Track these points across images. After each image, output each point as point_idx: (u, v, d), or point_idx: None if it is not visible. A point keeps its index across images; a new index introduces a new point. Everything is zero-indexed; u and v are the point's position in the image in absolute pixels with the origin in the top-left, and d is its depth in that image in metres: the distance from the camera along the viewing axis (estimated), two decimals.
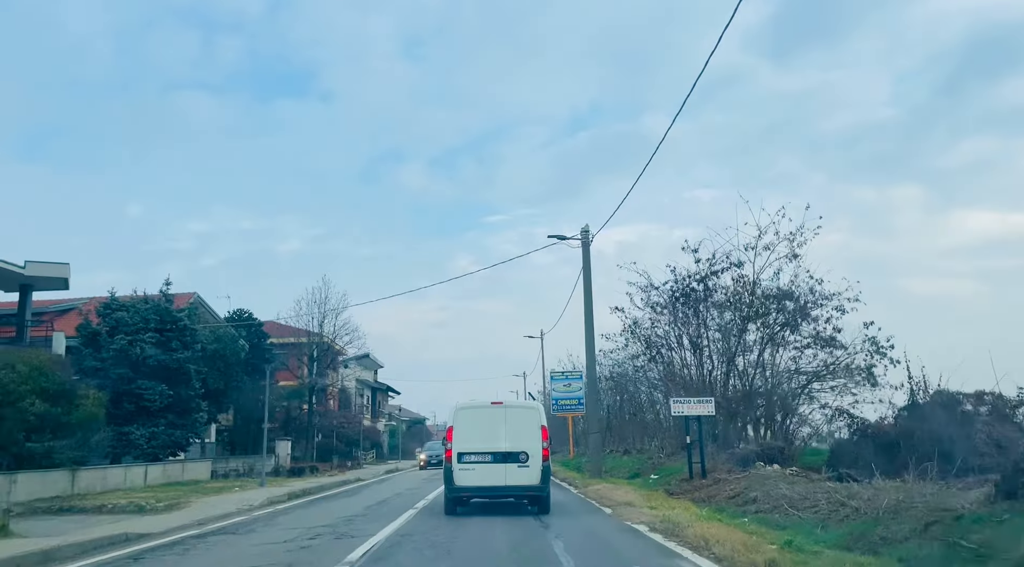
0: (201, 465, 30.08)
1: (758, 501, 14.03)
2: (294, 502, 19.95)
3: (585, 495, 18.93)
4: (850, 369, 23.28)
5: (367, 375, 69.56)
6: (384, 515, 14.64)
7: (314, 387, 43.02)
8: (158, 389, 25.75)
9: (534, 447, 14.15)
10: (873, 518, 9.88)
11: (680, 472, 21.49)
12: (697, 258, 24.78)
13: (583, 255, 25.12)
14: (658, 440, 29.09)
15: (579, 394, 42.57)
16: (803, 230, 22.70)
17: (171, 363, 26.23)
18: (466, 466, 14.12)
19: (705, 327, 24.91)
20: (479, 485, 14.22)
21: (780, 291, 22.69)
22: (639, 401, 39.43)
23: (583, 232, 25.20)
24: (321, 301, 42.01)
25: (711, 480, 18.29)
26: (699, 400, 20.02)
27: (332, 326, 42.41)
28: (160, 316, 26.42)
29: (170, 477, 26.42)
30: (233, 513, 16.60)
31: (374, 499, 19.45)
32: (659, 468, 23.93)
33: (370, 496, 20.86)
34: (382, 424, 73.69)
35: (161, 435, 26.04)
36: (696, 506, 14.55)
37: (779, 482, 14.92)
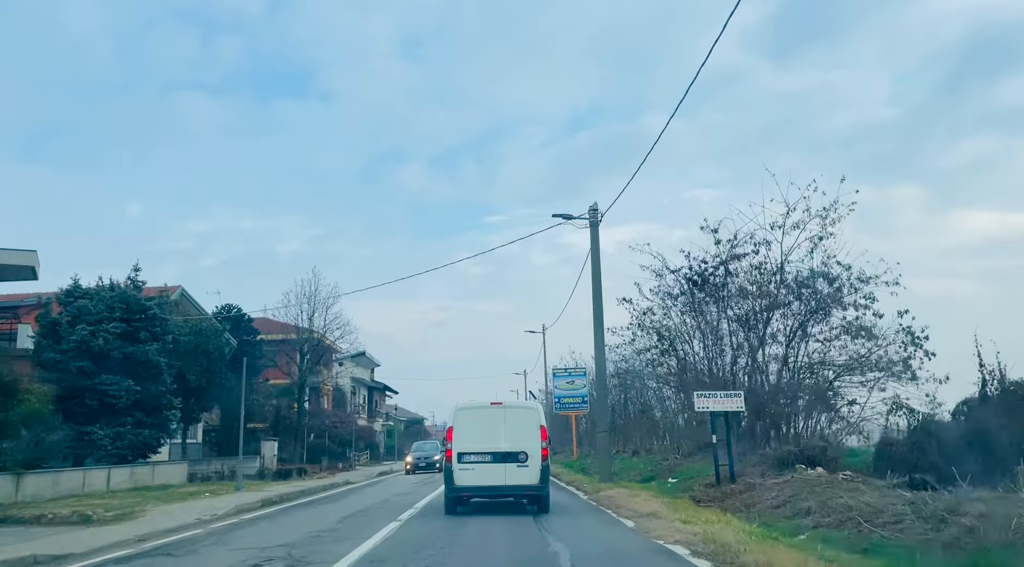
0: (176, 468, 27.45)
1: (814, 513, 11.39)
2: (266, 510, 17.32)
3: (597, 502, 16.29)
4: (884, 361, 20.65)
5: (363, 374, 66.81)
6: (360, 529, 12.01)
7: (304, 384, 40.31)
8: (123, 384, 23.10)
9: (533, 447, 13.98)
10: (1004, 543, 7.25)
11: (703, 475, 18.88)
12: (717, 239, 22.18)
13: (591, 235, 22.50)
14: (671, 440, 26.46)
15: (583, 392, 39.91)
16: (836, 205, 20.08)
17: (138, 356, 23.57)
18: (466, 466, 13.93)
19: (726, 315, 22.25)
20: (479, 485, 14.03)
21: (813, 272, 20.03)
22: (646, 399, 36.76)
23: (591, 211, 22.57)
24: (311, 294, 39.24)
25: (743, 485, 15.65)
26: (726, 394, 17.39)
27: (323, 320, 39.66)
28: (127, 304, 23.76)
29: (138, 481, 23.77)
30: (188, 525, 14.02)
31: (356, 507, 16.82)
32: (676, 471, 21.29)
33: (353, 503, 18.23)
34: (379, 424, 70.97)
35: (127, 435, 23.39)
36: (736, 518, 11.91)
37: (834, 489, 12.28)
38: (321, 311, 39.64)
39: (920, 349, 20.51)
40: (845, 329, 20.86)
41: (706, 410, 17.40)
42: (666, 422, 32.76)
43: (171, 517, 15.28)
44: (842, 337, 21.05)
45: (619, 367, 37.34)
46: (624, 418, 40.58)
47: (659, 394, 32.26)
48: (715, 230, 22.11)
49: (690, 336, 25.32)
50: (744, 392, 17.93)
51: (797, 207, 20.59)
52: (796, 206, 20.60)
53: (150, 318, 24.08)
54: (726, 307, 22.31)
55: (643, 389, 36.68)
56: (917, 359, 20.37)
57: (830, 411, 19.13)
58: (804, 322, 20.68)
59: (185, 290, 40.85)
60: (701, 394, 17.31)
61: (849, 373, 20.73)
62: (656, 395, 34.93)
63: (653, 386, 34.71)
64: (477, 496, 14.53)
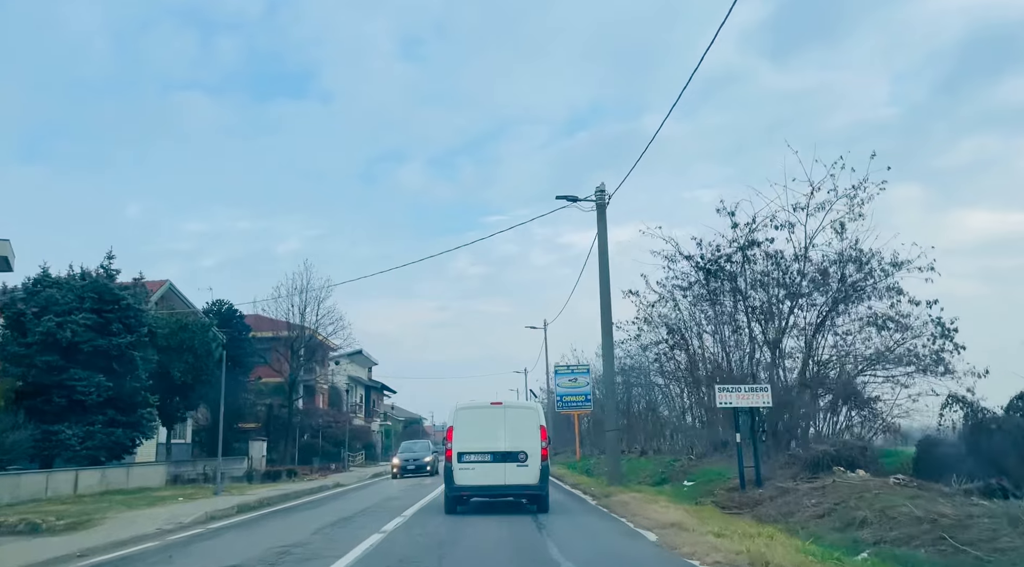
0: (154, 470, 25.58)
1: (870, 525, 9.54)
2: (239, 518, 15.46)
3: (609, 509, 14.40)
4: (912, 355, 18.80)
5: (360, 372, 64.89)
6: (335, 544, 10.13)
7: (295, 382, 38.37)
8: (94, 380, 21.20)
9: (533, 447, 13.89)
10: None
11: (722, 478, 17.02)
12: (734, 222, 20.30)
13: (598, 219, 20.62)
14: (683, 440, 24.60)
15: (586, 390, 38.01)
16: (865, 184, 18.21)
17: (111, 349, 21.67)
18: (466, 465, 13.85)
19: (744, 305, 20.38)
20: (479, 484, 13.93)
21: (842, 257, 18.15)
22: (652, 397, 34.87)
23: (598, 192, 20.71)
24: (302, 287, 37.30)
25: (773, 490, 13.78)
26: (751, 388, 15.52)
27: (315, 315, 37.73)
28: (98, 294, 21.85)
29: (110, 484, 21.88)
30: (145, 537, 12.18)
31: (338, 514, 14.94)
32: (691, 473, 19.40)
33: (336, 509, 16.34)
34: (376, 424, 69.04)
35: (98, 434, 21.48)
36: (776, 530, 10.03)
37: (891, 496, 10.41)
38: (313, 305, 37.65)
39: (951, 341, 18.71)
40: (872, 320, 19.02)
41: (728, 406, 15.53)
42: (674, 421, 30.90)
43: (130, 526, 13.46)
44: (865, 329, 19.24)
45: (624, 364, 35.47)
46: (629, 417, 38.71)
47: (667, 391, 30.36)
48: (732, 212, 20.26)
49: (702, 329, 23.51)
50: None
51: (822, 186, 18.76)
52: (821, 185, 18.76)
53: (123, 309, 22.17)
54: (744, 297, 20.43)
55: (648, 386, 34.81)
56: (947, 352, 18.64)
57: (862, 408, 17.25)
58: (830, 311, 18.80)
59: (173, 285, 39.02)
60: (724, 388, 15.44)
61: (875, 367, 18.86)
62: (663, 393, 33.07)
63: (660, 383, 32.87)
64: (477, 495, 14.37)
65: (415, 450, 34.49)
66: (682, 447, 25.70)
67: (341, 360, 58.70)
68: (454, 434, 14.11)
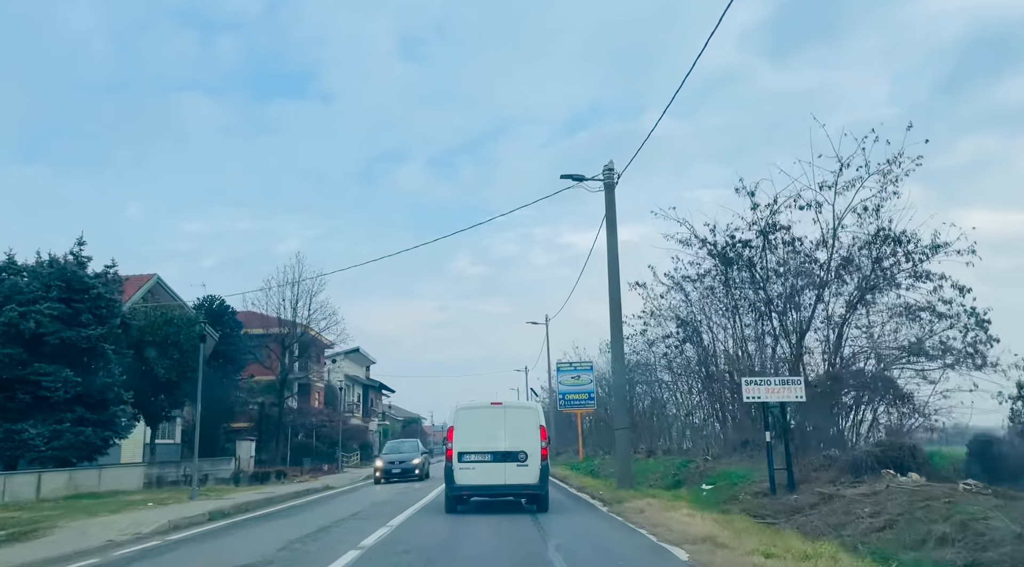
0: (129, 472, 23.78)
1: (954, 543, 7.74)
2: (208, 527, 13.64)
3: (624, 518, 12.55)
4: (947, 346, 16.99)
5: (358, 371, 63.06)
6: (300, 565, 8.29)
7: (286, 380, 36.51)
8: (62, 375, 19.42)
9: (533, 446, 13.82)
10: None
11: (746, 481, 15.21)
12: (755, 203, 18.50)
13: (606, 199, 18.82)
14: (696, 439, 22.82)
15: (589, 388, 36.23)
16: (901, 159, 16.39)
17: (80, 342, 19.88)
18: (466, 465, 13.80)
19: (765, 293, 18.57)
20: (479, 484, 13.88)
21: (878, 236, 16.31)
22: (658, 394, 33.04)
23: (606, 170, 18.90)
24: (294, 280, 35.45)
25: (812, 496, 11.96)
26: (783, 381, 13.70)
27: (307, 310, 35.87)
28: (66, 282, 20.05)
29: (79, 487, 20.07)
30: (90, 551, 10.41)
31: (317, 523, 13.12)
32: (708, 475, 17.57)
33: (317, 517, 14.52)
34: (374, 423, 67.18)
35: (66, 434, 19.69)
36: (832, 546, 8.21)
37: (967, 506, 8.60)
38: (305, 299, 35.79)
39: (984, 332, 16.92)
40: (906, 308, 17.21)
41: (756, 401, 13.73)
42: (682, 419, 29.13)
43: (79, 538, 11.68)
44: (896, 319, 17.43)
45: (628, 360, 33.69)
46: (633, 415, 36.89)
47: (675, 388, 28.55)
48: (752, 192, 18.45)
49: (713, 322, 21.72)
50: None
51: (851, 162, 16.94)
52: (850, 161, 16.95)
53: (94, 298, 20.37)
54: (764, 284, 18.62)
55: (654, 384, 32.98)
56: (982, 344, 16.86)
57: (903, 404, 15.42)
58: (861, 298, 16.99)
59: (161, 279, 37.29)
60: (751, 381, 13.62)
61: (911, 360, 17.03)
62: (670, 390, 31.27)
63: (666, 380, 31.09)
64: (477, 495, 14.28)
65: (402, 451, 29.35)
66: (695, 447, 23.89)
67: (338, 358, 56.90)
68: (454, 434, 14.03)
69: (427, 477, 27.76)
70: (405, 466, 27.07)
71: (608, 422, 41.13)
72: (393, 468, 26.96)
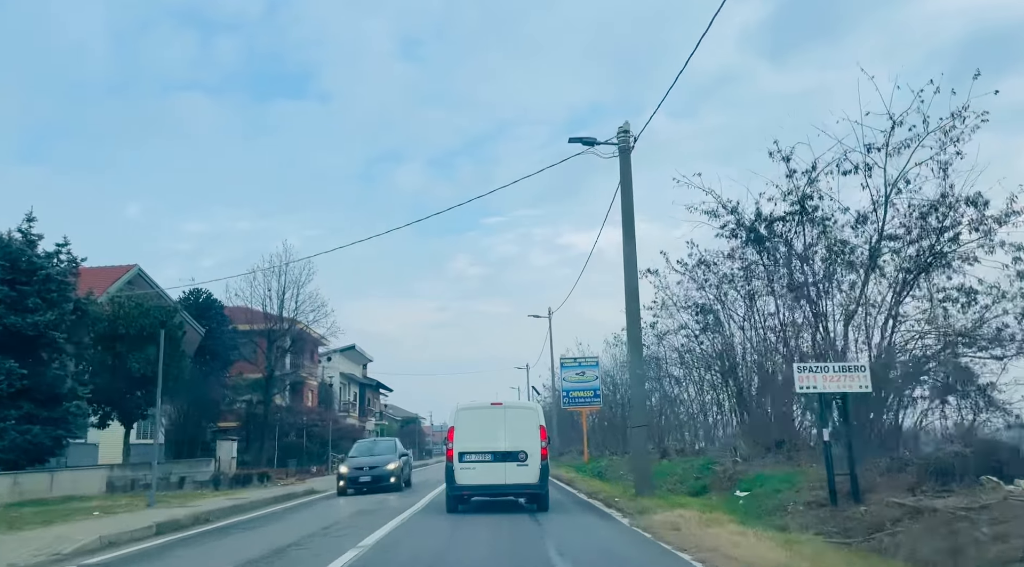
0: (90, 475, 21.22)
1: None
2: (145, 544, 11.13)
3: (656, 536, 9.94)
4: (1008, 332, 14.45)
5: (354, 369, 60.43)
6: None
7: (273, 376, 33.88)
8: (4, 366, 16.87)
9: (533, 446, 13.76)
10: None
11: (789, 487, 12.67)
12: (791, 169, 15.97)
13: (621, 166, 16.29)
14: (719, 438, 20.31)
15: (594, 385, 33.65)
16: (965, 113, 13.84)
17: (26, 329, 17.35)
18: (467, 465, 13.74)
19: (803, 272, 16.03)
20: (479, 483, 13.82)
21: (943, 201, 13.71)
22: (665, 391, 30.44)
23: (620, 133, 16.37)
24: (280, 269, 32.88)
25: (888, 507, 9.41)
26: (843, 367, 11.15)
27: (294, 301, 33.29)
28: (11, 262, 17.53)
29: (25, 494, 17.51)
30: None
31: (281, 540, 10.58)
32: (740, 480, 15.00)
33: (285, 531, 11.97)
34: (371, 423, 64.55)
35: (10, 432, 17.19)
36: None
37: None
38: (292, 290, 33.20)
39: None
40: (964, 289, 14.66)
41: (811, 391, 11.17)
42: (697, 417, 26.61)
43: None
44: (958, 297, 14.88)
45: None
46: None
47: (690, 382, 26.02)
48: (787, 157, 15.91)
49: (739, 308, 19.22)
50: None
51: (904, 120, 14.40)
52: (903, 119, 14.40)
53: (43, 280, 17.83)
54: (803, 262, 16.08)
55: (664, 379, 30.40)
56: None
57: (982, 395, 12.85)
58: (917, 276, 14.43)
59: (142, 270, 34.67)
60: (805, 368, 11.08)
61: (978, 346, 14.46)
62: (682, 385, 28.75)
63: (676, 375, 28.59)
64: (478, 495, 14.21)
65: (374, 452, 22.57)
66: (713, 447, 21.35)
67: (333, 355, 54.36)
68: (455, 434, 13.95)
69: (407, 486, 22.44)
70: (377, 472, 20.75)
71: (614, 421, 38.60)
72: (361, 475, 20.63)
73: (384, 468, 20.80)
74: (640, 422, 15.64)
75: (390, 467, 20.89)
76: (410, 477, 23.80)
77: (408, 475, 23.40)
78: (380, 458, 21.54)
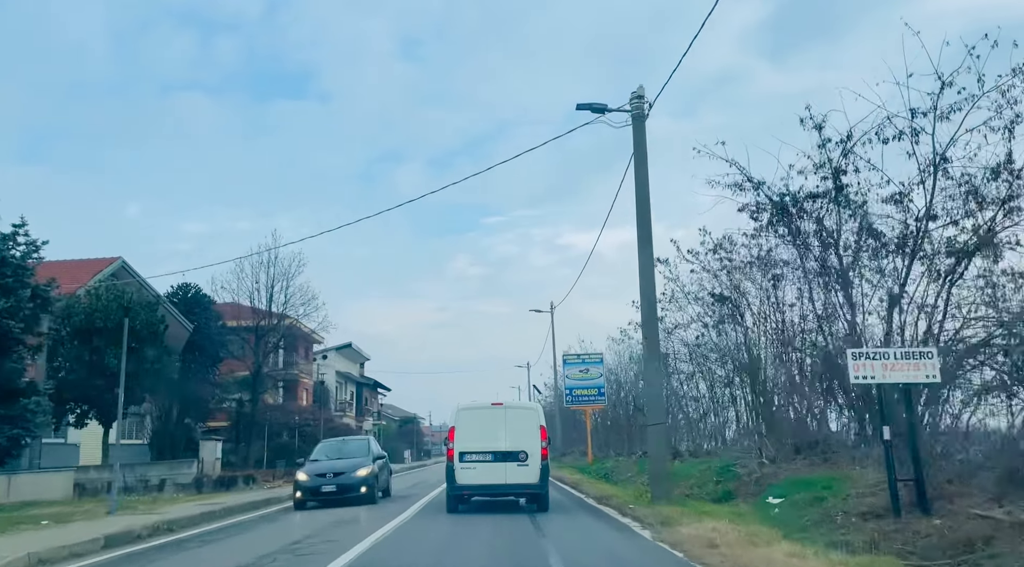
0: (54, 478, 19.59)
1: None
2: (86, 561, 9.34)
3: (684, 552, 8.16)
4: None
5: (351, 368, 58.64)
6: None
7: (260, 373, 32.09)
8: None
9: (533, 446, 13.66)
10: None
11: (833, 494, 10.91)
12: (823, 138, 14.18)
13: (635, 136, 14.57)
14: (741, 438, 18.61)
15: (599, 382, 31.87)
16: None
17: None
18: (467, 465, 13.64)
19: (837, 252, 14.28)
20: (480, 483, 13.74)
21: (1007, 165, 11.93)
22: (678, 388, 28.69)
23: (634, 99, 14.65)
24: (269, 261, 31.10)
25: (969, 521, 7.71)
26: (906, 354, 9.35)
27: (283, 295, 31.50)
28: None
29: None
30: None
31: (238, 560, 8.77)
32: (768, 484, 13.23)
33: (248, 548, 10.18)
34: (369, 423, 62.77)
35: None
36: None
37: None
38: (282, 283, 31.40)
39: None
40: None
41: (867, 382, 9.41)
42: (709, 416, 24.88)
43: None
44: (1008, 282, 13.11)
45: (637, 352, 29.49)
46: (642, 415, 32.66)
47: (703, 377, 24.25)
48: (819, 126, 14.12)
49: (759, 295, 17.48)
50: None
51: (955, 80, 12.62)
52: (954, 79, 12.62)
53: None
54: (836, 242, 14.33)
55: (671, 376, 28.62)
56: None
57: None
58: (972, 254, 12.67)
59: (126, 262, 32.86)
60: (861, 354, 9.31)
61: None
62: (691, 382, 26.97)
63: (685, 371, 26.83)
64: (478, 494, 14.16)
65: (342, 454, 18.03)
66: (732, 448, 19.58)
67: (328, 353, 52.59)
68: (455, 434, 13.90)
69: (385, 496, 18.50)
70: (344, 480, 16.51)
71: (618, 420, 36.87)
72: (323, 483, 16.41)
73: (352, 475, 16.61)
74: (658, 419, 13.89)
75: (360, 474, 16.66)
76: (389, 485, 19.83)
77: (386, 482, 19.45)
78: (348, 462, 17.17)
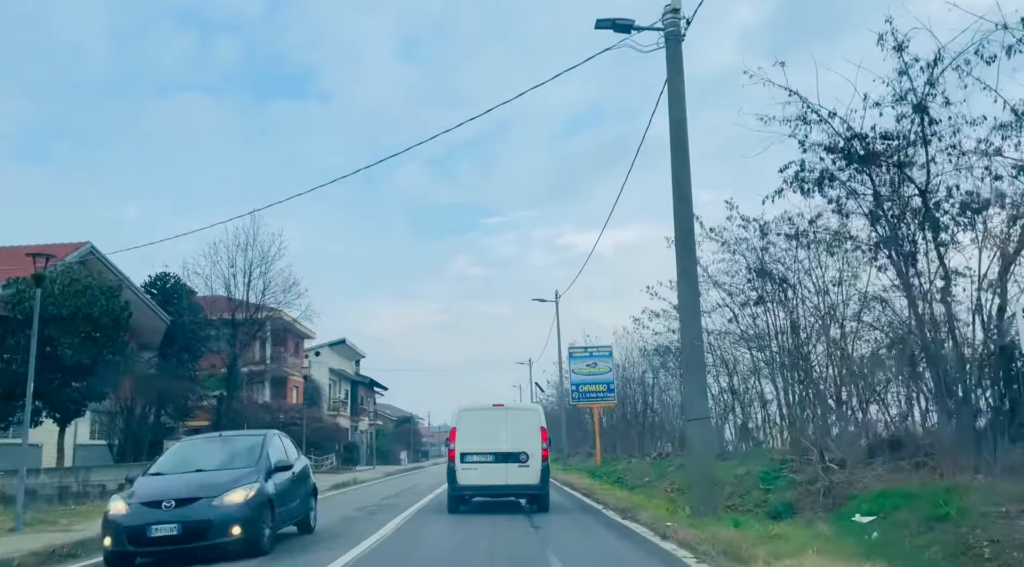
0: None
1: None
2: None
3: None
4: None
5: (345, 366, 55.38)
6: None
7: (235, 367, 28.87)
8: None
9: (534, 447, 13.63)
10: None
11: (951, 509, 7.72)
12: (904, 64, 11.01)
13: (668, 59, 11.47)
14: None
15: (608, 377, 28.72)
16: None
17: None
18: (468, 465, 13.62)
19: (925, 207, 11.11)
20: (481, 484, 13.75)
21: None
22: None
23: (668, 13, 11.51)
24: (247, 243, 27.93)
25: None
26: None
27: (262, 281, 28.32)
28: None
29: None
30: None
31: None
32: (848, 496, 10.04)
33: None
34: (364, 423, 59.57)
35: None
36: None
37: None
38: (261, 267, 28.20)
39: None
40: None
41: None
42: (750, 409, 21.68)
43: None
44: None
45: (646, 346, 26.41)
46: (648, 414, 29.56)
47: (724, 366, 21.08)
48: (901, 46, 10.94)
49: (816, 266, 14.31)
50: None
51: None
52: None
53: None
54: (925, 193, 11.17)
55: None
56: None
57: None
58: None
59: (95, 248, 29.53)
60: None
61: None
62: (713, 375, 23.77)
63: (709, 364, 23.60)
64: (479, 495, 14.16)
65: (210, 462, 9.74)
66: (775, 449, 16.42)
67: (322, 350, 49.46)
68: (457, 435, 13.84)
69: (302, 532, 11.03)
70: (192, 515, 8.42)
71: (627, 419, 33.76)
72: (153, 522, 8.31)
73: (212, 504, 8.58)
74: (700, 413, 10.70)
75: (229, 501, 8.66)
76: (311, 514, 11.47)
77: (303, 512, 11.08)
78: (209, 479, 9.17)
